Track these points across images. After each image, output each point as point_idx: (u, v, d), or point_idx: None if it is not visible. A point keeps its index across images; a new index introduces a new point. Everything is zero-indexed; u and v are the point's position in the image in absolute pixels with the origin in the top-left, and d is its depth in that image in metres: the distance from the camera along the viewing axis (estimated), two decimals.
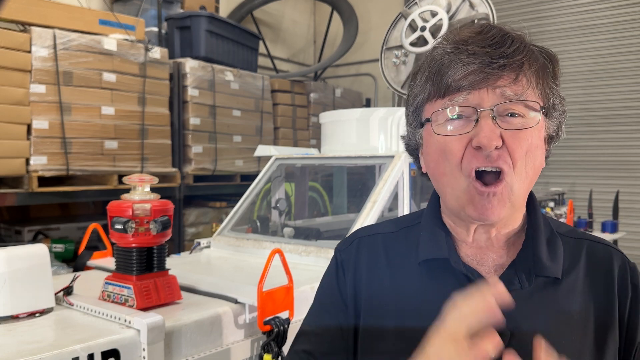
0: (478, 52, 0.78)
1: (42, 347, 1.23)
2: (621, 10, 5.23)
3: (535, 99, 0.80)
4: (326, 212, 3.73)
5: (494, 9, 3.01)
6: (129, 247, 1.54)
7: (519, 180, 0.79)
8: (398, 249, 0.94)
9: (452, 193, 0.83)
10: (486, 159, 0.77)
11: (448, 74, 0.79)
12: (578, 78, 5.41)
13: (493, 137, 0.76)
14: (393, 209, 2.80)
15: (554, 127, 0.86)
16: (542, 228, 0.87)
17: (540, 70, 0.81)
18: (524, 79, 0.79)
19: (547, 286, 0.83)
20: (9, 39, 3.17)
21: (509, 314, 0.80)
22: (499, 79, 0.78)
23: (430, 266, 0.88)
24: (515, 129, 0.78)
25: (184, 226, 4.33)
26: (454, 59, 0.79)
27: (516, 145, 0.78)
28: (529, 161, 0.80)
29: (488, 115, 0.78)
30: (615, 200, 4.42)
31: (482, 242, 0.88)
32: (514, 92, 0.78)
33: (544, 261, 0.83)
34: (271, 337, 1.55)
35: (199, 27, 4.50)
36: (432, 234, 0.90)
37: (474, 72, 0.77)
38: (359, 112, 2.77)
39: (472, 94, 0.79)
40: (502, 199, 0.79)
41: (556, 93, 0.84)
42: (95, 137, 3.57)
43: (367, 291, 0.92)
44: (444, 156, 0.81)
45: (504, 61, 0.77)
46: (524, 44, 0.81)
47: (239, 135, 4.67)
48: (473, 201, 0.80)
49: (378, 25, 6.23)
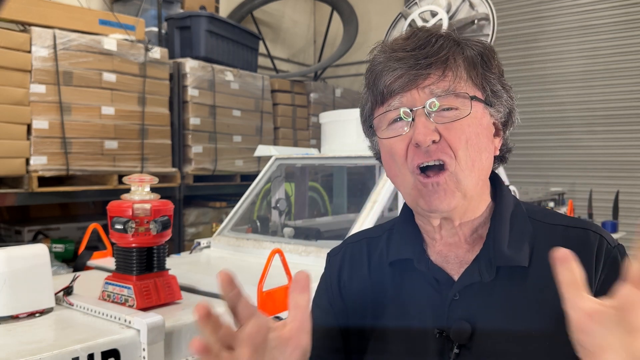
0: (404, 56, 0.82)
1: (42, 347, 1.23)
2: (621, 10, 5.23)
3: (466, 90, 0.83)
4: (326, 212, 3.73)
5: (493, 9, 3.01)
6: (129, 247, 1.54)
7: (464, 169, 0.81)
8: (378, 251, 0.97)
9: (404, 191, 0.87)
10: (425, 154, 0.81)
11: (381, 82, 0.84)
12: (577, 78, 5.41)
13: (427, 133, 0.80)
14: (393, 209, 2.80)
15: (502, 114, 0.88)
16: (506, 217, 0.87)
17: (468, 61, 0.84)
18: (450, 74, 0.82)
19: (514, 277, 0.83)
20: (9, 39, 3.17)
21: (470, 307, 0.82)
22: (426, 78, 0.82)
23: (400, 267, 0.91)
24: (450, 121, 0.81)
25: (184, 226, 4.33)
26: (385, 66, 0.84)
27: (453, 136, 0.81)
28: (472, 150, 0.82)
29: (422, 113, 0.81)
30: (615, 200, 4.42)
31: (450, 237, 0.89)
32: (442, 88, 0.82)
33: (504, 251, 0.83)
34: None
35: (199, 27, 4.50)
36: (402, 235, 0.94)
37: (402, 76, 0.82)
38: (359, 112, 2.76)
39: (405, 96, 0.83)
40: (448, 189, 0.81)
41: (494, 81, 0.86)
42: (95, 137, 3.57)
43: (350, 294, 0.96)
44: (392, 158, 0.86)
45: (429, 60, 0.81)
46: (449, 39, 0.84)
47: (239, 135, 4.67)
48: (421, 194, 0.83)
49: (378, 25, 6.23)
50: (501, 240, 0.84)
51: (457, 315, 0.82)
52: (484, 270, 0.83)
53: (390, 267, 0.92)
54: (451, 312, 0.83)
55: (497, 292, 0.83)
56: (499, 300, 0.82)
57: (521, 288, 0.82)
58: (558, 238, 0.86)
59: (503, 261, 0.83)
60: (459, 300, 0.83)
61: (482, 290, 0.83)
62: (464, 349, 0.81)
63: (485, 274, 0.83)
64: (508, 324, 0.80)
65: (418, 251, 0.90)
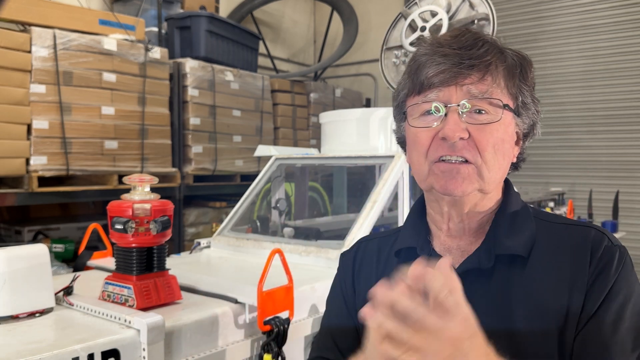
0: (450, 53, 0.86)
1: (42, 347, 1.23)
2: (621, 10, 5.22)
3: (500, 97, 0.87)
4: (326, 212, 3.73)
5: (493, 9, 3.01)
6: (129, 247, 1.54)
7: (488, 169, 0.86)
8: (387, 247, 1.02)
9: (419, 177, 0.92)
10: (450, 148, 0.85)
11: (423, 72, 0.88)
12: (578, 78, 5.41)
13: (457, 130, 0.84)
14: (393, 209, 2.80)
15: (527, 125, 0.93)
16: (507, 211, 0.91)
17: (508, 70, 0.88)
18: (489, 78, 0.86)
19: (513, 266, 0.86)
20: (9, 39, 3.17)
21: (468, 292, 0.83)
22: (466, 77, 0.85)
23: (405, 256, 0.95)
24: (480, 124, 0.85)
25: (184, 226, 4.33)
26: (429, 59, 0.87)
27: (482, 137, 0.85)
28: (498, 153, 0.86)
29: (455, 111, 0.85)
30: (615, 200, 4.42)
31: (455, 229, 0.93)
32: (480, 90, 0.85)
33: (502, 239, 0.87)
34: (271, 337, 1.55)
35: (199, 27, 4.50)
36: (410, 226, 0.99)
37: (445, 71, 0.86)
38: (359, 112, 2.77)
39: (443, 91, 0.87)
40: (468, 177, 0.85)
41: (527, 93, 0.91)
42: (95, 137, 3.57)
43: (361, 290, 0.99)
44: (414, 146, 0.91)
45: (472, 62, 0.85)
46: (494, 46, 0.88)
47: (239, 135, 4.67)
48: (438, 177, 0.87)
49: (378, 25, 6.23)
50: (501, 230, 0.88)
51: None
52: (483, 257, 0.87)
53: (395, 257, 0.96)
54: None
55: (495, 278, 0.86)
56: (496, 285, 0.85)
57: (519, 276, 0.85)
58: (560, 233, 0.89)
59: (501, 249, 0.86)
60: None
61: (480, 276, 0.87)
62: None
63: (485, 261, 0.87)
64: (504, 314, 0.83)
65: (422, 241, 0.94)
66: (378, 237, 1.07)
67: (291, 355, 1.70)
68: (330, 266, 2.05)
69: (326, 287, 1.84)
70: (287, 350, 1.58)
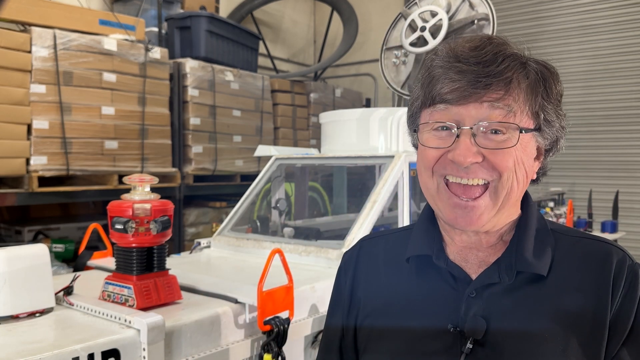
0: (466, 70, 0.80)
1: (42, 347, 1.23)
2: (621, 10, 5.23)
3: (519, 119, 0.81)
4: (326, 212, 3.73)
5: (493, 9, 3.01)
6: (129, 247, 1.54)
7: (505, 189, 0.82)
8: (395, 250, 0.98)
9: (427, 193, 0.88)
10: (462, 171, 0.81)
11: (436, 87, 0.83)
12: (578, 78, 5.41)
13: (468, 155, 0.80)
14: (393, 209, 2.80)
15: (549, 142, 0.88)
16: (532, 226, 0.88)
17: (530, 88, 0.82)
18: (508, 98, 0.80)
19: (532, 283, 0.84)
20: (9, 39, 3.17)
21: (486, 306, 0.83)
22: (482, 97, 0.80)
23: (417, 263, 0.92)
24: (496, 148, 0.80)
25: (184, 226, 4.33)
26: (444, 73, 0.82)
27: (499, 159, 0.81)
28: (519, 173, 0.82)
29: (468, 133, 0.81)
30: (615, 200, 4.42)
31: (472, 242, 0.89)
32: (496, 111, 0.80)
33: (526, 257, 0.84)
34: (271, 337, 1.55)
35: (199, 27, 4.50)
36: (422, 232, 0.94)
37: (459, 89, 0.80)
38: (359, 112, 2.77)
39: (457, 108, 0.81)
40: (485, 211, 0.82)
41: (551, 110, 0.85)
42: (95, 137, 3.57)
43: (364, 291, 0.97)
44: (421, 160, 0.87)
45: (489, 80, 0.79)
46: (516, 61, 0.82)
47: (239, 135, 4.67)
48: (448, 210, 0.83)
49: (378, 25, 6.23)
50: (525, 247, 0.85)
51: (472, 312, 0.83)
52: (503, 272, 0.84)
53: (406, 263, 0.93)
54: (467, 309, 0.84)
55: (514, 295, 0.83)
56: (515, 302, 0.83)
57: (538, 294, 0.83)
58: (580, 249, 0.86)
59: (524, 267, 0.83)
60: (475, 298, 0.84)
61: (499, 291, 0.84)
62: (477, 345, 0.81)
63: (505, 276, 0.84)
64: (522, 325, 0.80)
65: (437, 248, 0.90)
66: (382, 235, 1.04)
67: (291, 355, 1.70)
68: (330, 266, 2.05)
69: (326, 287, 1.85)
70: (287, 350, 1.58)
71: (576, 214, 4.29)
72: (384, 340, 0.90)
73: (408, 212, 2.34)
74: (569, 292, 0.82)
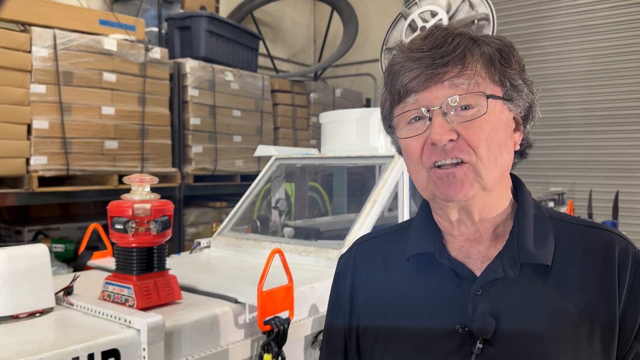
0: (421, 56, 0.83)
1: (42, 347, 1.23)
2: (621, 10, 5.23)
3: (483, 88, 0.83)
4: (326, 212, 3.73)
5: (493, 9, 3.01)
6: (129, 247, 1.54)
7: (485, 165, 0.82)
8: (393, 249, 0.97)
9: (421, 187, 0.88)
10: (442, 153, 0.82)
11: (398, 81, 0.85)
12: (578, 78, 5.41)
13: (444, 132, 0.81)
14: (393, 209, 2.80)
15: (522, 108, 0.88)
16: (529, 215, 0.87)
17: (485, 58, 0.84)
18: (467, 71, 0.83)
19: (537, 274, 0.83)
20: (9, 39, 3.17)
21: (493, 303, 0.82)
22: (442, 77, 0.82)
23: (418, 262, 0.91)
24: (467, 120, 0.82)
25: (184, 226, 4.33)
26: (402, 66, 0.85)
27: (472, 134, 0.82)
28: (493, 147, 0.83)
29: (439, 113, 0.82)
30: (615, 200, 4.42)
31: (470, 234, 0.89)
32: (459, 86, 0.82)
33: (528, 248, 0.83)
34: (271, 337, 1.55)
35: (199, 27, 4.50)
36: (420, 230, 0.94)
37: (419, 76, 0.83)
38: (359, 112, 2.77)
39: (421, 94, 0.84)
40: (465, 180, 0.82)
41: (515, 76, 0.86)
42: (95, 137, 3.57)
43: (364, 293, 0.96)
44: (408, 156, 0.88)
45: (445, 60, 0.82)
46: (465, 37, 0.84)
47: (239, 135, 4.67)
48: (437, 185, 0.84)
49: (378, 25, 6.23)
50: (526, 238, 0.84)
51: (479, 311, 0.82)
52: (507, 266, 0.83)
53: (407, 263, 0.92)
54: (474, 308, 0.82)
55: (520, 289, 0.82)
56: (522, 297, 0.82)
57: (544, 286, 0.82)
58: (582, 238, 0.86)
59: (527, 258, 0.83)
60: (481, 296, 0.83)
61: (504, 286, 0.83)
62: (487, 345, 0.80)
63: (510, 270, 0.83)
64: (532, 322, 0.80)
65: (439, 246, 0.90)
66: (376, 236, 1.03)
67: (291, 355, 1.70)
68: (330, 266, 2.05)
69: (326, 287, 1.85)
70: (287, 350, 1.58)
71: (576, 214, 4.28)
72: (391, 342, 0.89)
73: (408, 212, 2.34)
74: (575, 286, 0.81)
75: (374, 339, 0.91)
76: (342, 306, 0.99)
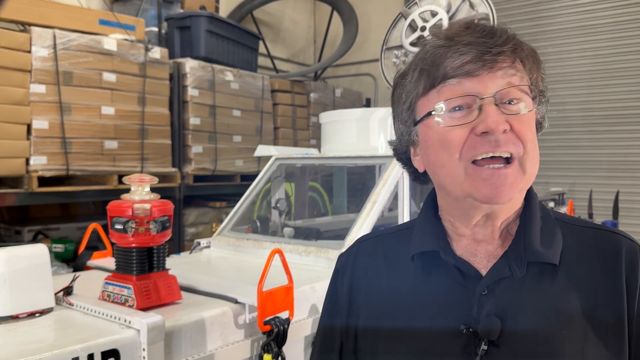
0: (474, 41, 0.79)
1: (42, 347, 1.23)
2: (621, 10, 5.22)
3: (529, 85, 0.82)
4: (326, 212, 3.73)
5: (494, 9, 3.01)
6: (129, 247, 1.54)
7: (530, 160, 0.80)
8: (397, 248, 0.95)
9: (453, 182, 0.82)
10: (494, 144, 0.77)
11: (445, 64, 0.80)
12: (578, 78, 5.41)
13: (500, 121, 0.77)
14: (393, 209, 2.80)
15: (541, 115, 0.87)
16: (536, 215, 0.86)
17: (529, 57, 0.83)
18: (519, 65, 0.81)
19: (544, 274, 0.81)
20: (9, 39, 3.17)
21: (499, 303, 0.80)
22: (495, 64, 0.79)
23: (423, 260, 0.88)
24: (518, 114, 0.79)
25: (184, 226, 4.33)
26: (449, 50, 0.80)
27: (524, 128, 0.79)
28: (535, 144, 0.81)
29: (491, 102, 0.78)
30: (615, 200, 4.42)
31: (480, 235, 0.86)
32: (512, 78, 0.79)
33: (535, 247, 0.81)
34: (271, 337, 1.55)
35: (199, 27, 4.50)
36: (425, 228, 0.91)
37: (472, 61, 0.78)
38: (359, 112, 2.77)
39: (469, 81, 0.79)
40: (514, 181, 0.79)
41: (543, 80, 0.86)
42: (95, 137, 3.57)
43: (365, 292, 0.94)
44: (443, 147, 0.81)
45: (499, 49, 0.78)
46: (511, 34, 0.83)
47: (239, 135, 4.67)
48: (478, 185, 0.78)
49: (378, 25, 6.23)
50: (532, 237, 0.82)
51: (485, 311, 0.80)
52: (514, 265, 0.81)
53: (411, 262, 0.90)
54: (479, 308, 0.81)
55: (527, 289, 0.81)
56: (529, 297, 0.80)
57: (551, 286, 0.80)
58: (589, 239, 0.85)
59: (534, 257, 0.81)
60: (487, 295, 0.81)
61: (511, 286, 0.81)
62: (492, 346, 0.78)
63: (516, 269, 0.81)
64: (538, 323, 0.78)
65: (443, 244, 0.87)
66: (379, 235, 1.01)
67: (291, 356, 1.70)
68: (331, 266, 2.04)
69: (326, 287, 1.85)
70: (287, 350, 1.58)
71: (576, 214, 4.28)
72: (393, 343, 0.87)
73: (408, 212, 2.33)
74: (583, 286, 0.80)
75: (375, 339, 0.89)
76: (339, 304, 0.96)
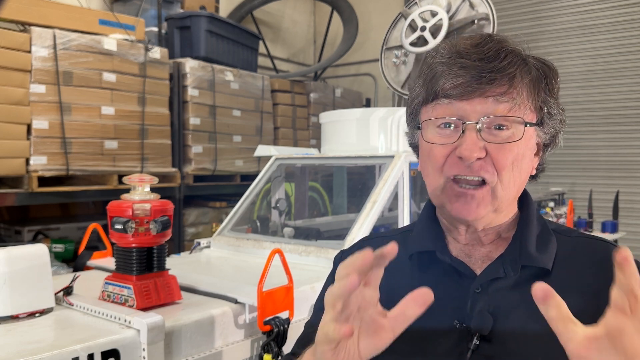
0: (470, 65, 0.81)
1: (42, 347, 1.23)
2: (621, 10, 5.22)
3: (523, 113, 0.82)
4: (326, 212, 3.73)
5: (494, 9, 3.01)
6: (129, 247, 1.54)
7: (504, 188, 0.82)
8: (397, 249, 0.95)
9: (433, 192, 0.88)
10: (467, 169, 0.81)
11: (439, 83, 0.83)
12: (577, 78, 5.41)
13: (474, 150, 0.80)
14: (393, 209, 2.80)
15: (549, 136, 0.89)
16: (533, 223, 0.89)
17: (532, 83, 0.84)
18: (512, 93, 0.81)
19: (537, 278, 0.82)
20: (9, 39, 3.17)
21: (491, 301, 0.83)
22: (486, 92, 0.80)
23: (420, 260, 0.91)
24: (501, 142, 0.81)
25: (184, 226, 4.33)
26: (447, 69, 0.82)
27: (501, 156, 0.81)
28: (516, 170, 0.83)
29: (473, 128, 0.81)
30: (615, 200, 4.42)
31: (469, 239, 0.90)
32: (500, 106, 0.81)
33: (530, 251, 0.84)
34: (271, 337, 1.55)
35: (199, 27, 4.50)
36: (424, 229, 0.94)
37: (462, 85, 0.81)
38: (359, 112, 2.77)
39: (459, 103, 0.82)
40: (482, 202, 0.82)
41: (552, 104, 0.87)
42: (95, 137, 3.57)
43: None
44: (428, 159, 0.86)
45: (494, 75, 0.80)
46: (518, 57, 0.83)
47: (239, 135, 4.67)
48: (451, 201, 0.83)
49: (378, 25, 6.23)
50: (528, 241, 0.85)
51: (478, 308, 0.83)
52: (508, 267, 0.84)
53: (408, 261, 0.92)
54: (472, 305, 0.83)
55: (520, 290, 0.83)
56: (521, 297, 0.82)
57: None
58: (581, 248, 0.87)
59: (529, 261, 0.84)
60: (480, 294, 0.84)
61: (504, 286, 0.84)
62: (484, 342, 0.81)
63: (510, 270, 0.84)
64: (529, 321, 0.80)
65: (440, 244, 0.90)
66: (380, 237, 1.03)
67: None
68: (331, 266, 2.05)
69: None
70: (287, 350, 1.58)
71: (576, 214, 4.29)
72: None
73: (408, 212, 2.34)
74: (574, 291, 0.82)
75: None
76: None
